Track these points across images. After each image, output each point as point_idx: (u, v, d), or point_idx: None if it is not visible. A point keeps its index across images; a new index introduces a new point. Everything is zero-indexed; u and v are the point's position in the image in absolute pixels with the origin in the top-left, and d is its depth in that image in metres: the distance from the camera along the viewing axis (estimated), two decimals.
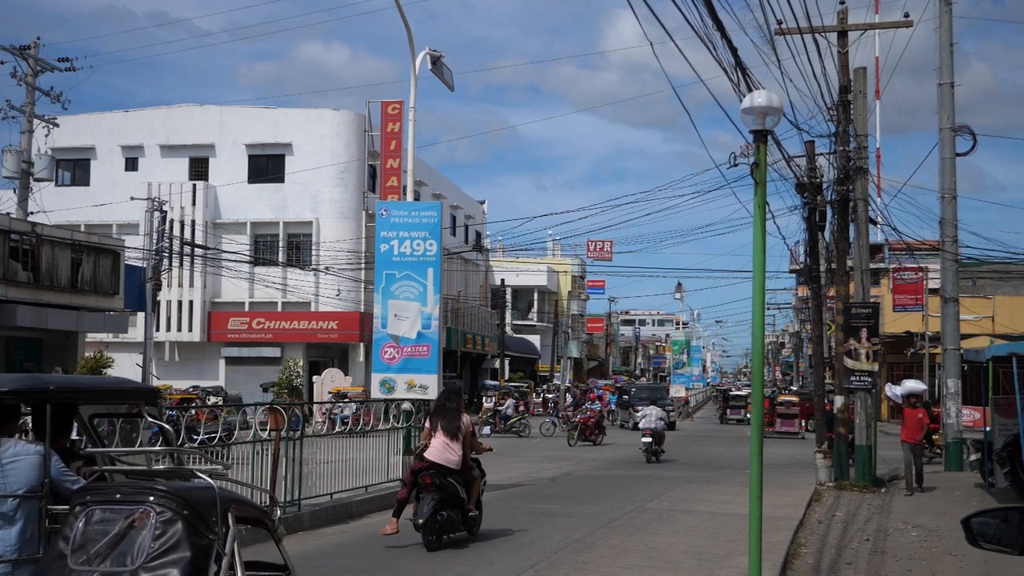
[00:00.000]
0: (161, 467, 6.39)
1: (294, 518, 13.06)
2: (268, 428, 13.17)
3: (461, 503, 11.69)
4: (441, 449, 11.59)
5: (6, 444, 5.69)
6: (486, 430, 34.39)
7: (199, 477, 5.55)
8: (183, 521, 5.03)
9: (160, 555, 4.94)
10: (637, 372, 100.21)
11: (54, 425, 5.79)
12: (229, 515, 5.28)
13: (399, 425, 16.89)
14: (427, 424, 12.14)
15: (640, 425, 26.04)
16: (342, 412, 25.83)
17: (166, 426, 6.50)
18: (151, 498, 5.11)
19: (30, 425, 6.84)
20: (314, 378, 39.08)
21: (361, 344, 42.47)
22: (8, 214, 27.29)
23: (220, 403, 29.54)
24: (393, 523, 11.66)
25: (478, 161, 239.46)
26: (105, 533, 5.08)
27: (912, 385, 19.86)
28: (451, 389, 13.54)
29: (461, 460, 11.67)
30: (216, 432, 13.99)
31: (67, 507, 5.39)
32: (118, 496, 5.22)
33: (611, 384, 65.51)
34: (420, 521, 11.23)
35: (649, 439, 24.75)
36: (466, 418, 12.02)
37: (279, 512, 9.44)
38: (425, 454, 11.68)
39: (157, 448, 6.81)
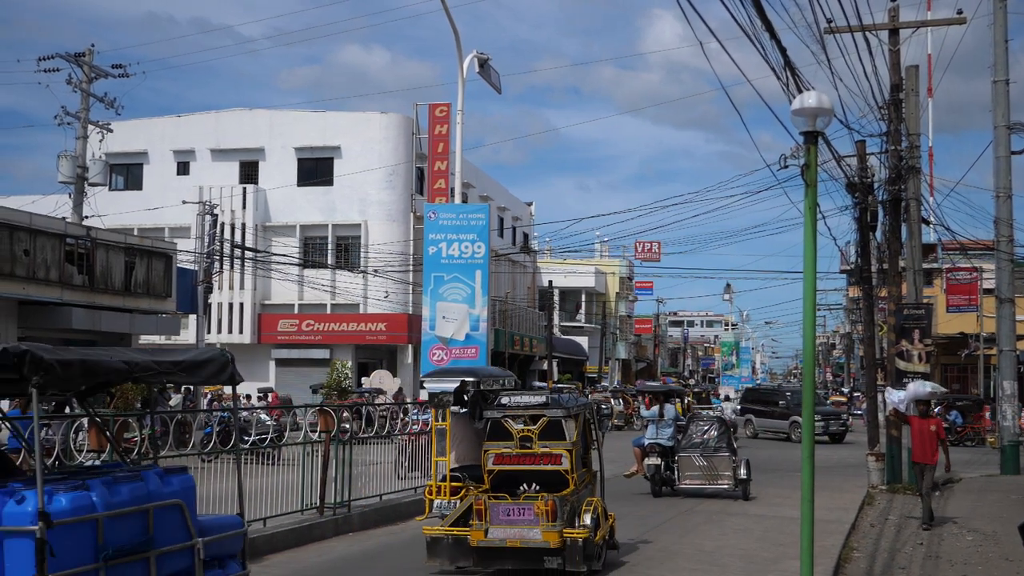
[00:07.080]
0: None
1: (344, 519, 13.15)
2: (318, 430, 13.27)
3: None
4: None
5: (668, 408, 17.84)
6: None
7: (723, 414, 24.98)
8: (724, 427, 17.97)
9: (719, 437, 17.33)
10: (686, 373, 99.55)
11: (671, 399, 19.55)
12: (731, 425, 20.41)
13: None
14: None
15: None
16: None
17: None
18: (715, 419, 18.66)
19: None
20: (363, 379, 39.30)
21: (409, 346, 42.66)
22: (64, 218, 27.76)
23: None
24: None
25: (522, 163, 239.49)
26: (701, 430, 17.58)
27: (918, 388, 15.19)
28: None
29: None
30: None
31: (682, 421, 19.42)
32: (706, 416, 19.36)
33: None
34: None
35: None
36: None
37: None
38: None
39: (711, 413, 21.66)
